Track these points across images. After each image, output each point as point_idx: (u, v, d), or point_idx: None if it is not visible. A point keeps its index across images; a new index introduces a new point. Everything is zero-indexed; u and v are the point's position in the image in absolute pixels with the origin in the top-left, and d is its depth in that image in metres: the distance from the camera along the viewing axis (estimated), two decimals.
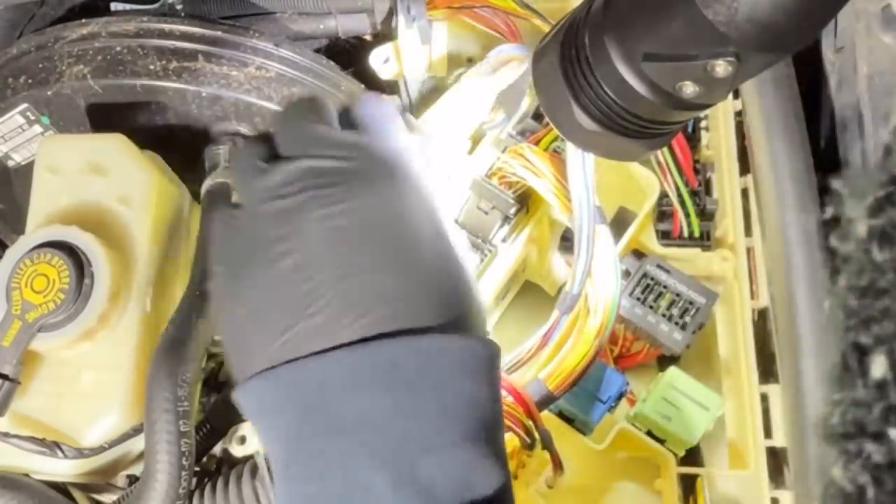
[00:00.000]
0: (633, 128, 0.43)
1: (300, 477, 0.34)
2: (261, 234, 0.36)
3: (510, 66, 0.57)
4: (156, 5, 0.63)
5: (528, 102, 0.60)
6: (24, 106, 0.59)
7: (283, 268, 0.35)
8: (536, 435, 0.51)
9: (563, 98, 0.44)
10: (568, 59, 0.43)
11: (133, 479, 0.57)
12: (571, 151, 0.53)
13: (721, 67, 0.36)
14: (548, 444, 0.51)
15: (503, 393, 0.50)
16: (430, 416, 0.33)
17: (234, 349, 0.37)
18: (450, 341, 0.34)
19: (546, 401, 0.52)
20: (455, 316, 0.35)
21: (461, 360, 0.34)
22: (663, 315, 0.59)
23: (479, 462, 0.33)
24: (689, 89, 0.38)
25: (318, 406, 0.33)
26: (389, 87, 0.64)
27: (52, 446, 0.51)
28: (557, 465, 0.52)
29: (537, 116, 0.59)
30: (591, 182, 0.53)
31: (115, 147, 0.55)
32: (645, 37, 0.38)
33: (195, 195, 0.59)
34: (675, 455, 0.58)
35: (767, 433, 0.57)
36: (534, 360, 0.54)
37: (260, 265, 0.35)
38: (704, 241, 0.63)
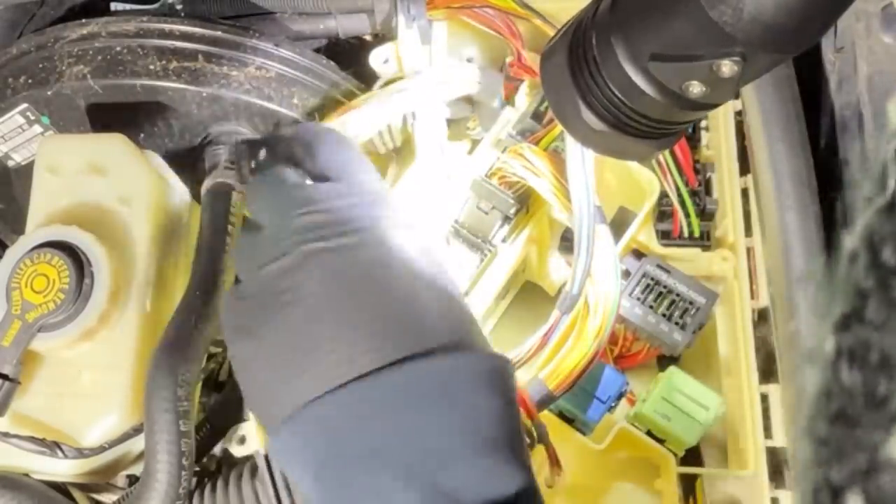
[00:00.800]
0: (640, 128, 0.43)
1: None
2: (266, 296, 0.38)
3: (455, 83, 0.57)
4: (156, 5, 0.63)
5: (526, 102, 0.60)
6: (24, 106, 0.59)
7: (292, 320, 0.37)
8: (535, 434, 0.51)
9: (570, 98, 0.44)
10: (575, 59, 0.43)
11: (133, 479, 0.57)
12: (571, 151, 0.53)
13: (727, 67, 0.36)
14: (543, 439, 0.51)
15: None
16: (445, 430, 0.35)
17: (259, 406, 0.40)
18: (456, 359, 0.36)
19: (546, 400, 0.52)
20: (458, 336, 0.37)
21: (470, 375, 0.36)
22: (663, 315, 0.59)
23: (498, 468, 0.35)
24: (695, 89, 0.38)
25: (340, 439, 0.35)
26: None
27: (52, 446, 0.51)
28: (555, 460, 0.52)
29: (536, 116, 0.59)
30: (591, 182, 0.53)
31: (115, 147, 0.55)
32: (651, 37, 0.38)
33: (195, 195, 0.59)
34: (675, 455, 0.58)
35: (767, 433, 0.57)
36: (534, 359, 0.54)
37: (270, 323, 0.37)
38: (704, 241, 0.63)
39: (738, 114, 0.64)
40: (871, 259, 0.17)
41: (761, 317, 0.62)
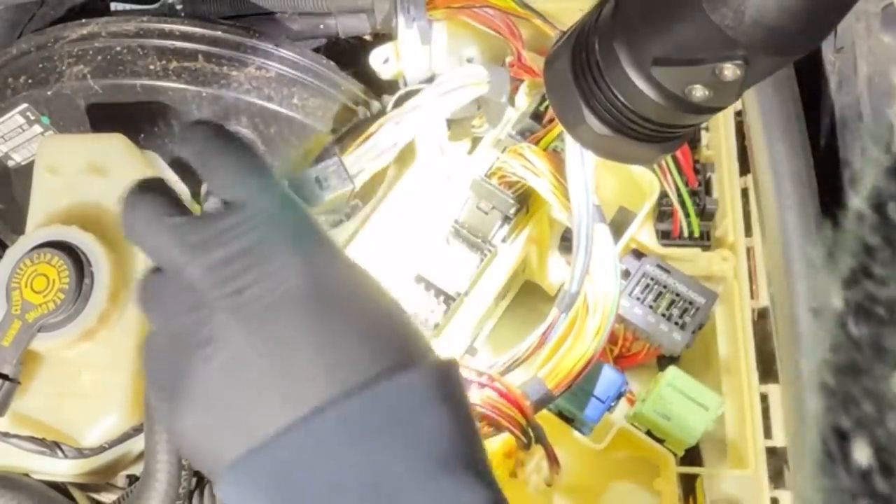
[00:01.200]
0: (644, 132, 0.43)
1: None
2: (181, 348, 0.35)
3: (466, 88, 0.57)
4: (156, 5, 0.63)
5: (526, 102, 0.60)
6: (24, 106, 0.59)
7: (213, 370, 0.34)
8: (532, 434, 0.51)
9: (574, 102, 0.44)
10: (579, 63, 0.43)
11: (133, 479, 0.57)
12: (571, 151, 0.53)
13: (729, 71, 0.36)
14: (540, 439, 0.51)
15: (495, 395, 0.50)
16: (396, 458, 0.33)
17: (197, 458, 0.36)
18: (397, 381, 0.34)
19: (545, 400, 0.52)
20: (395, 352, 0.35)
21: (414, 394, 0.34)
22: (663, 315, 0.59)
23: (455, 487, 0.33)
24: (698, 93, 0.38)
25: (288, 485, 0.33)
26: (390, 87, 0.64)
27: (52, 446, 0.51)
28: (552, 459, 0.52)
29: (536, 116, 0.59)
30: (590, 182, 0.53)
31: (115, 147, 0.55)
32: (653, 42, 0.38)
33: (195, 195, 0.59)
34: (675, 455, 0.58)
35: (767, 433, 0.57)
36: (532, 359, 0.54)
37: (190, 376, 0.34)
38: (704, 241, 0.63)
39: (738, 114, 0.64)
40: (878, 217, 0.17)
41: (761, 317, 0.62)
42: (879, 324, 0.17)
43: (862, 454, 0.17)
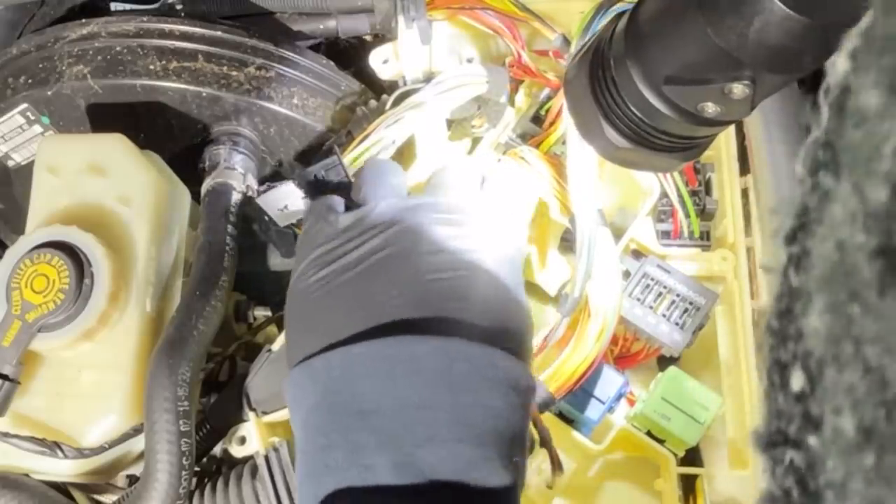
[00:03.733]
0: (663, 143, 0.44)
1: (310, 452, 0.37)
2: (350, 250, 0.41)
3: (465, 86, 0.57)
4: (156, 5, 0.63)
5: (526, 104, 0.60)
6: (24, 106, 0.59)
7: (329, 282, 0.40)
8: (536, 436, 0.51)
9: (593, 116, 0.45)
10: (596, 78, 0.44)
11: (133, 479, 0.57)
12: (573, 155, 0.53)
13: (738, 89, 0.36)
14: (546, 443, 0.51)
15: None
16: (440, 411, 0.35)
17: (288, 345, 0.42)
18: (476, 350, 0.37)
19: (547, 403, 0.52)
20: (496, 335, 0.38)
21: (485, 370, 0.37)
22: (663, 315, 0.59)
23: (482, 463, 0.35)
24: (710, 109, 0.39)
25: (337, 391, 0.37)
26: (390, 87, 0.64)
27: (53, 446, 0.51)
28: (556, 464, 0.52)
29: (536, 120, 0.59)
30: (592, 185, 0.53)
31: (115, 147, 0.55)
32: (663, 62, 0.39)
33: (195, 195, 0.59)
34: (675, 455, 0.58)
35: None
36: (534, 362, 0.54)
37: (343, 273, 0.40)
38: (704, 241, 0.63)
39: None
40: (812, 182, 0.20)
41: (761, 317, 0.62)
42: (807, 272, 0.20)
43: (797, 381, 0.20)
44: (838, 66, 0.20)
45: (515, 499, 0.36)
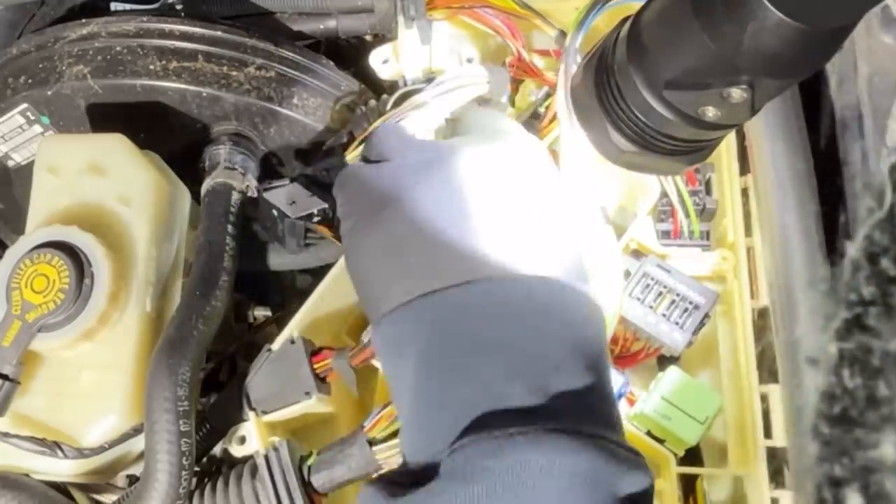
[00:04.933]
0: (667, 147, 0.44)
1: (430, 391, 0.37)
2: (402, 182, 0.41)
3: (465, 87, 0.57)
4: (156, 5, 0.63)
5: (526, 103, 0.60)
6: (24, 106, 0.59)
7: (423, 211, 0.40)
8: None
9: (598, 121, 0.45)
10: (600, 83, 0.44)
11: (133, 479, 0.57)
12: (570, 154, 0.53)
13: (737, 94, 0.37)
14: None
15: None
16: (561, 343, 0.37)
17: (369, 292, 0.42)
18: (579, 289, 0.39)
19: None
20: (572, 270, 0.40)
21: (588, 307, 0.39)
22: (663, 315, 0.59)
23: (602, 388, 0.37)
24: (710, 113, 0.39)
25: (454, 330, 0.37)
26: (390, 87, 0.64)
27: (53, 446, 0.51)
28: None
29: (536, 117, 0.59)
30: (591, 184, 0.53)
31: (115, 147, 0.55)
32: (664, 67, 0.40)
33: (195, 195, 0.59)
34: (675, 455, 0.58)
35: (767, 433, 0.57)
36: None
37: (399, 210, 0.40)
38: (704, 241, 0.63)
39: None
40: (872, 269, 0.17)
41: (761, 316, 0.62)
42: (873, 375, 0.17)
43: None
44: None
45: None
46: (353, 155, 0.53)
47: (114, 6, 0.64)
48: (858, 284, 0.18)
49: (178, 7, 0.62)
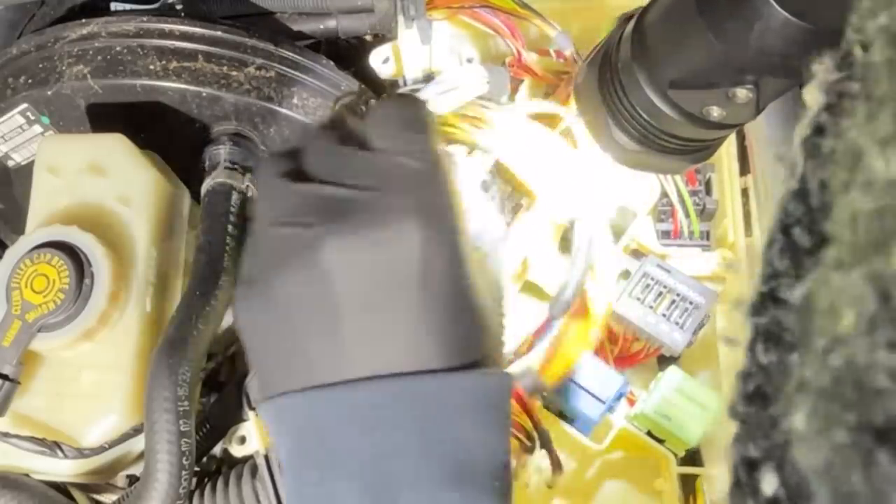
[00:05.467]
0: (671, 146, 0.44)
1: (293, 495, 0.36)
2: (276, 254, 0.36)
3: (465, 87, 0.57)
4: (156, 5, 0.63)
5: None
6: (24, 106, 0.59)
7: (294, 292, 0.35)
8: (536, 436, 0.51)
9: (602, 119, 0.45)
10: (604, 82, 0.44)
11: (133, 479, 0.57)
12: (571, 155, 0.53)
13: (742, 94, 0.37)
14: (546, 444, 0.51)
15: None
16: (419, 456, 0.33)
17: (252, 360, 0.39)
18: (451, 384, 0.34)
19: (536, 390, 0.53)
20: (464, 358, 0.35)
21: (459, 404, 0.34)
22: (663, 315, 0.59)
23: (466, 502, 0.33)
24: (715, 112, 0.39)
25: (312, 438, 0.35)
26: (390, 87, 0.64)
27: (53, 446, 0.51)
28: (556, 465, 0.52)
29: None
30: (590, 184, 0.53)
31: (115, 147, 0.55)
32: (668, 66, 0.40)
33: (195, 195, 0.59)
34: (675, 455, 0.58)
35: None
36: (526, 355, 0.54)
37: (275, 284, 0.36)
38: (704, 241, 0.63)
39: None
40: (785, 241, 0.17)
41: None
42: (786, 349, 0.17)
43: (769, 485, 0.17)
44: None
45: None
46: None
47: (114, 6, 0.64)
48: (772, 257, 0.18)
49: (178, 7, 0.62)
